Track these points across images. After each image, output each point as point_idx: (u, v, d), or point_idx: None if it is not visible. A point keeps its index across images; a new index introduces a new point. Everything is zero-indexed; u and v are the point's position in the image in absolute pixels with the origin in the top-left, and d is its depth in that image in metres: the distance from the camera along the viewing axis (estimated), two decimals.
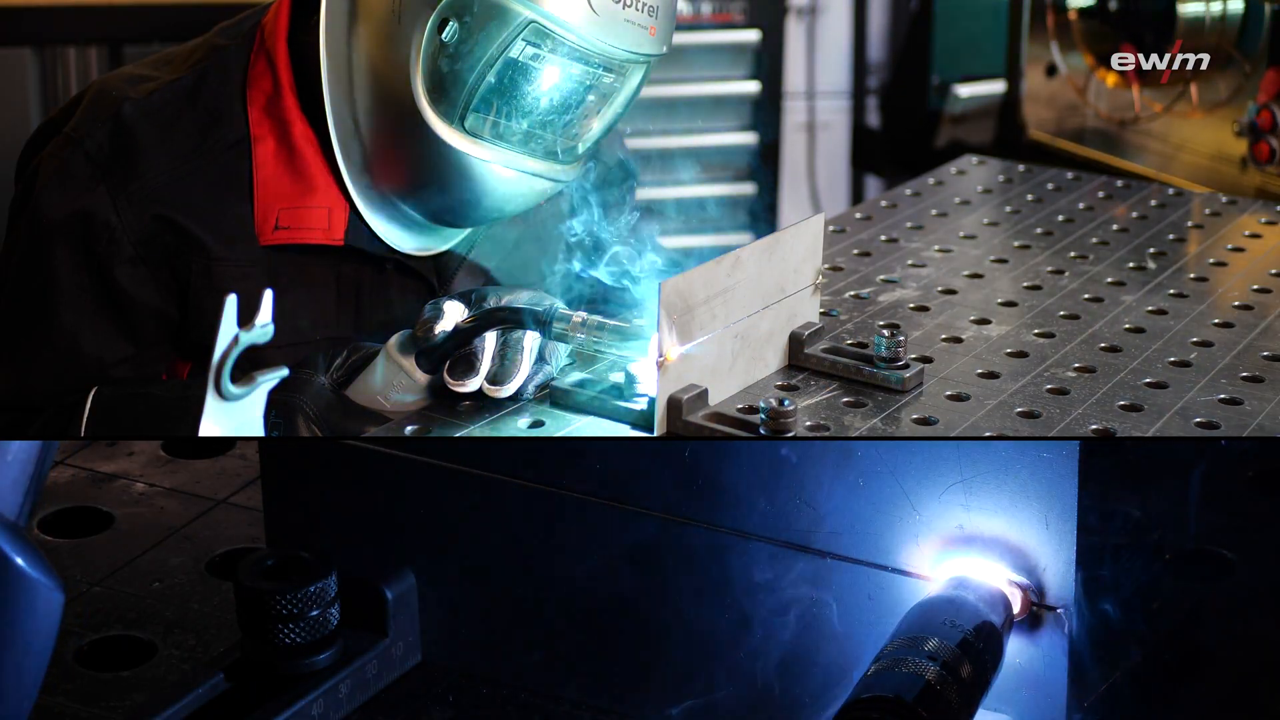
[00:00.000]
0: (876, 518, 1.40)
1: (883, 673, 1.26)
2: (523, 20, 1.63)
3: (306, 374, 1.64)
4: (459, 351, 1.57)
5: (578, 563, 1.53)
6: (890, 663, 1.27)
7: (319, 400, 1.62)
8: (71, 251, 1.73)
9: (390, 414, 1.61)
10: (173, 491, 1.94)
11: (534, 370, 1.58)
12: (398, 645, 1.58)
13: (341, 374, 1.66)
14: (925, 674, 1.24)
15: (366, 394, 1.63)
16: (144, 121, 1.74)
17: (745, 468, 1.45)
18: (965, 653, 1.27)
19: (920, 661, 1.25)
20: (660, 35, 1.70)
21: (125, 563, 1.79)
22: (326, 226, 1.76)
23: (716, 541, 1.47)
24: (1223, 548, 1.73)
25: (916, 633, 1.29)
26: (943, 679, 1.24)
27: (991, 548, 1.37)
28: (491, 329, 1.57)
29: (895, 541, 1.40)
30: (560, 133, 1.74)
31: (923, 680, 1.24)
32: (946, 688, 1.24)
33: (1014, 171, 2.46)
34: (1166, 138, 2.79)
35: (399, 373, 1.60)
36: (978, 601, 1.33)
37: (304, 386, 1.63)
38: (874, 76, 4.14)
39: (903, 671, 1.25)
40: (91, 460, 1.99)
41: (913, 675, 1.24)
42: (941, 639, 1.27)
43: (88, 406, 1.69)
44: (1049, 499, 1.35)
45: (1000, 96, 3.36)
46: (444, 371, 1.57)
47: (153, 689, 1.57)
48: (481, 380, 1.56)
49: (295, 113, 1.75)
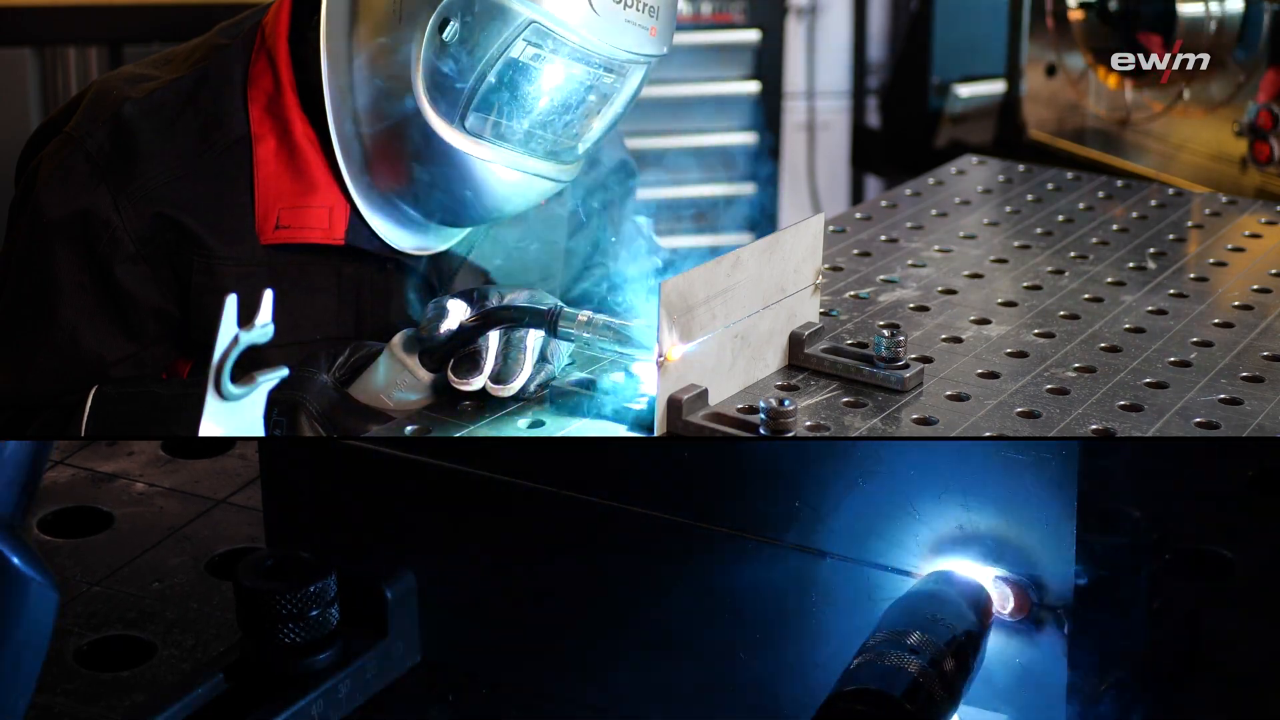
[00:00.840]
0: (876, 518, 1.40)
1: (866, 665, 1.27)
2: (524, 20, 1.63)
3: (309, 372, 1.64)
4: (463, 350, 1.57)
5: (578, 563, 1.53)
6: (873, 656, 1.27)
7: (322, 398, 1.62)
8: (72, 250, 1.73)
9: (393, 412, 1.61)
10: (172, 491, 1.94)
11: (536, 369, 1.58)
12: (398, 645, 1.58)
13: (344, 372, 1.66)
14: (908, 667, 1.25)
15: (369, 392, 1.63)
16: (145, 121, 1.74)
17: (747, 471, 1.45)
18: (948, 647, 1.28)
19: (903, 655, 1.26)
20: (661, 36, 1.70)
21: (125, 563, 1.79)
22: (327, 226, 1.76)
23: (717, 542, 1.47)
24: (1223, 548, 1.73)
25: (899, 627, 1.30)
26: (925, 672, 1.25)
27: (991, 547, 1.37)
28: (496, 327, 1.57)
29: (892, 541, 1.40)
30: (561, 133, 1.74)
31: (906, 673, 1.25)
32: (929, 681, 1.25)
33: (1014, 171, 2.46)
34: (1166, 138, 2.79)
35: (402, 371, 1.61)
36: (959, 597, 1.34)
37: (307, 385, 1.63)
38: (874, 76, 4.14)
39: (886, 665, 1.26)
40: (91, 460, 1.99)
41: (895, 668, 1.25)
42: (924, 633, 1.28)
43: (88, 405, 1.69)
44: (1049, 499, 1.35)
45: (1000, 96, 3.36)
46: (448, 370, 1.57)
47: (152, 689, 1.57)
48: (485, 379, 1.56)
49: (296, 112, 1.75)
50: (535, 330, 1.58)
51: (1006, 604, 1.36)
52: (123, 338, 1.75)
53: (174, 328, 1.78)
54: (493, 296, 1.62)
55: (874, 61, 4.13)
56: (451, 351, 1.57)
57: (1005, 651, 1.38)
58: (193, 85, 1.77)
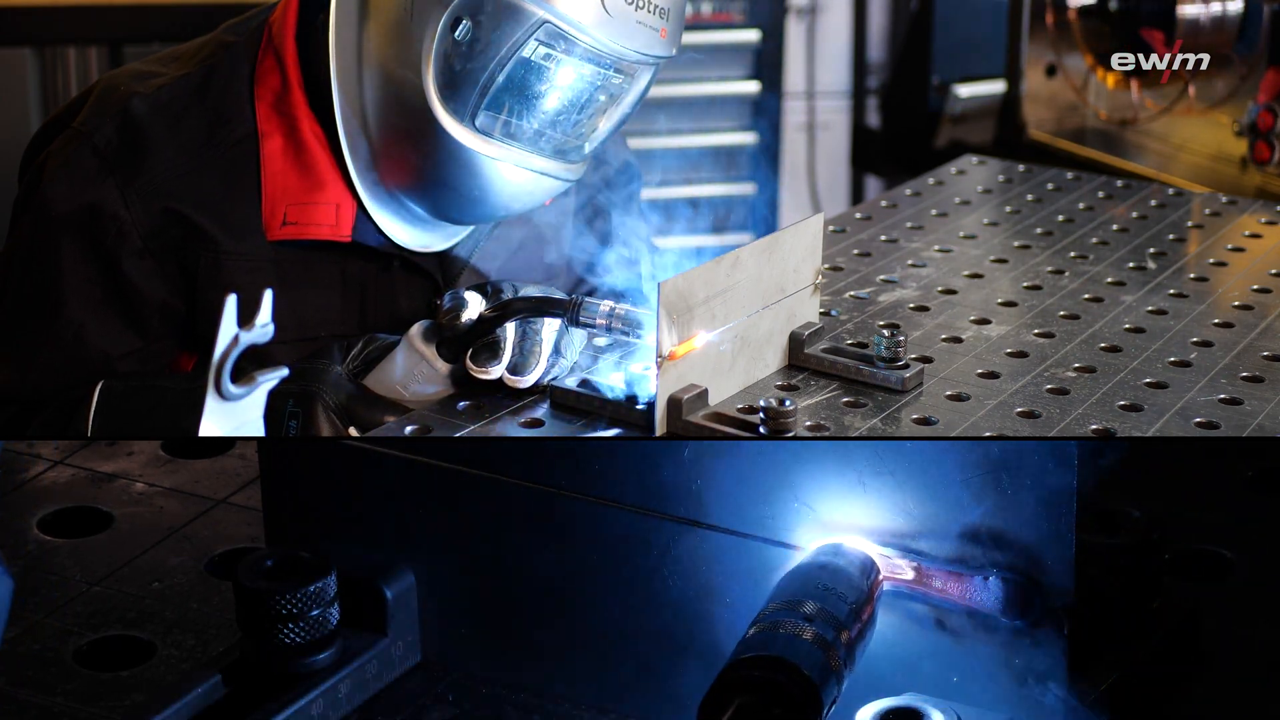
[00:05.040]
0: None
1: (762, 634, 1.30)
2: (537, 20, 1.64)
3: (323, 364, 1.65)
4: (483, 339, 1.58)
5: (578, 563, 1.53)
6: (769, 625, 1.30)
7: (338, 390, 1.63)
8: (79, 244, 1.73)
9: (410, 404, 1.62)
10: (172, 491, 1.94)
11: (550, 362, 1.59)
12: (397, 645, 1.58)
13: (357, 365, 1.66)
14: (804, 634, 1.28)
15: (385, 384, 1.64)
16: (152, 116, 1.75)
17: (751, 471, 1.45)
18: (840, 615, 1.31)
19: (798, 623, 1.29)
20: (671, 37, 1.71)
21: (125, 563, 1.79)
22: (334, 222, 1.77)
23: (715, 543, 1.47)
24: (1223, 548, 1.73)
25: (793, 597, 1.33)
26: (820, 638, 1.28)
27: (991, 547, 1.37)
28: (516, 318, 1.58)
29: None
30: (569, 132, 1.74)
31: (801, 640, 1.28)
32: (824, 646, 1.28)
33: (1014, 171, 2.46)
34: (1166, 138, 2.79)
35: (420, 362, 1.61)
36: (849, 566, 1.36)
37: (322, 376, 1.63)
38: (874, 76, 4.14)
39: (781, 633, 1.29)
40: (91, 460, 1.99)
41: (791, 636, 1.28)
42: (817, 602, 1.31)
43: (94, 400, 1.69)
44: (1049, 499, 1.35)
45: (1000, 96, 3.36)
46: (466, 358, 1.58)
47: (152, 689, 1.56)
48: (504, 369, 1.57)
49: (303, 109, 1.76)
50: (550, 325, 1.59)
51: (899, 574, 1.38)
52: (129, 333, 1.75)
53: (179, 323, 1.78)
54: (507, 290, 1.63)
55: (874, 61, 4.13)
56: (470, 341, 1.58)
57: (1005, 651, 1.38)
58: (200, 81, 1.78)
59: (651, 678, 1.46)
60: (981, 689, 1.38)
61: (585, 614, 1.54)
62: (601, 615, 1.53)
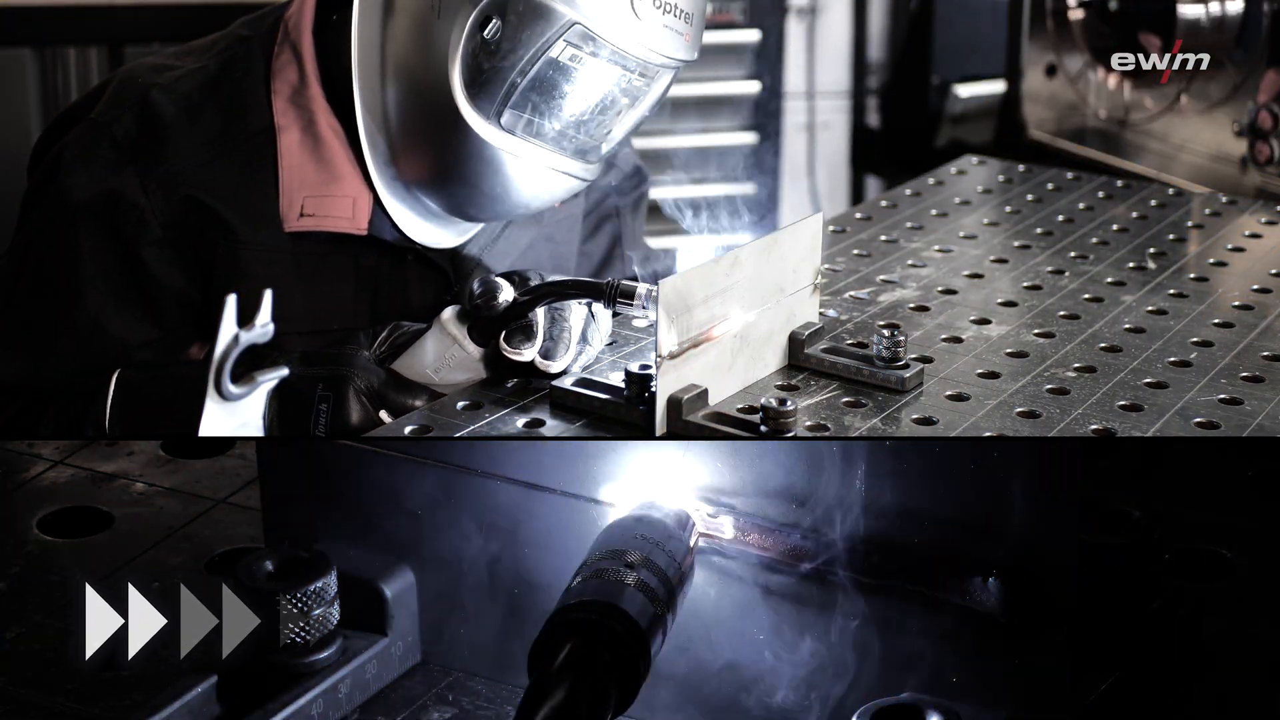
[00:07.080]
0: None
1: (588, 581, 1.38)
2: (567, 21, 1.64)
3: (352, 349, 1.65)
4: (516, 321, 1.59)
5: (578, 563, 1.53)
6: (594, 573, 1.39)
7: (369, 375, 1.63)
8: (98, 232, 1.73)
9: (440, 389, 1.62)
10: (172, 491, 1.94)
11: (578, 350, 1.60)
12: (397, 645, 1.58)
13: (384, 351, 1.67)
14: (627, 580, 1.37)
15: (415, 369, 1.64)
16: (171, 107, 1.76)
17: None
18: (659, 563, 1.40)
19: (621, 570, 1.38)
20: (693, 41, 1.73)
21: (125, 563, 1.79)
22: (351, 215, 1.77)
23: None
24: (1223, 548, 1.73)
25: (615, 546, 1.41)
26: (642, 583, 1.37)
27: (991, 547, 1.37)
28: (554, 300, 1.59)
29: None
30: (591, 133, 1.75)
31: (625, 586, 1.37)
32: (646, 592, 1.37)
33: (1014, 171, 2.46)
34: (1166, 138, 2.79)
35: (452, 345, 1.62)
36: (665, 518, 1.44)
37: (353, 361, 1.64)
38: (874, 76, 4.13)
39: (606, 580, 1.38)
40: (91, 460, 1.99)
41: (616, 583, 1.37)
42: (638, 550, 1.40)
43: (111, 389, 1.69)
44: (1049, 499, 1.35)
45: (1000, 96, 3.36)
46: (500, 340, 1.59)
47: (152, 689, 1.56)
48: (536, 352, 1.58)
49: (321, 103, 1.77)
50: (578, 313, 1.60)
51: (717, 530, 1.45)
52: (147, 322, 1.75)
53: (196, 312, 1.78)
54: (534, 278, 1.64)
55: (874, 61, 4.13)
56: (504, 324, 1.59)
57: (1005, 651, 1.38)
58: (216, 74, 1.79)
59: (651, 677, 1.46)
60: (982, 689, 1.38)
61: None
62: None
